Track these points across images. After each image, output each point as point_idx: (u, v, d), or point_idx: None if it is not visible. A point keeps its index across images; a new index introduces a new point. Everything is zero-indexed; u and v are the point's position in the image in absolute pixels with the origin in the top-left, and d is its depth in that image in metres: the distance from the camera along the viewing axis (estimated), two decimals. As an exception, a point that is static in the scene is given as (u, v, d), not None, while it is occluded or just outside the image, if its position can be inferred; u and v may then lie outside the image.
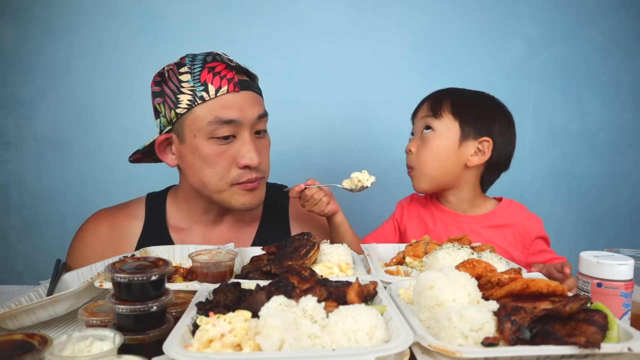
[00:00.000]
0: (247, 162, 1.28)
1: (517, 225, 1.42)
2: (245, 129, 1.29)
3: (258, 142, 1.33)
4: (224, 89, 1.25)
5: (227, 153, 1.28)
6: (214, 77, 1.26)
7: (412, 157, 1.45)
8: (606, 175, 2.31)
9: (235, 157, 1.29)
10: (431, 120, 1.42)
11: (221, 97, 1.25)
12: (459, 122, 1.40)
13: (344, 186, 1.30)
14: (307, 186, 1.29)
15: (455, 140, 1.40)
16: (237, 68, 1.31)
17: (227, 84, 1.26)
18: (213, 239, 1.45)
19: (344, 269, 1.08)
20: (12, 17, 2.10)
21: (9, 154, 2.16)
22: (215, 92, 1.25)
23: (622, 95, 2.28)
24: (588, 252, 0.94)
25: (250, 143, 1.29)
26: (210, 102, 1.25)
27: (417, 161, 1.43)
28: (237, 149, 1.29)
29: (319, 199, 1.29)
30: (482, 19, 2.20)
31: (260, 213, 1.53)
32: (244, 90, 1.28)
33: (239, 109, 1.27)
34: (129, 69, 2.13)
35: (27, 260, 2.19)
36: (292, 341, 0.66)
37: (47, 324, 1.03)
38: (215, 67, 1.28)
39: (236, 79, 1.28)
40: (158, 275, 0.77)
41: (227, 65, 1.29)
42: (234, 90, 1.26)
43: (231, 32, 2.13)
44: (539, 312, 0.73)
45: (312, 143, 2.21)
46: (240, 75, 1.32)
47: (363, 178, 1.28)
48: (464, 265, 0.90)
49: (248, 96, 1.29)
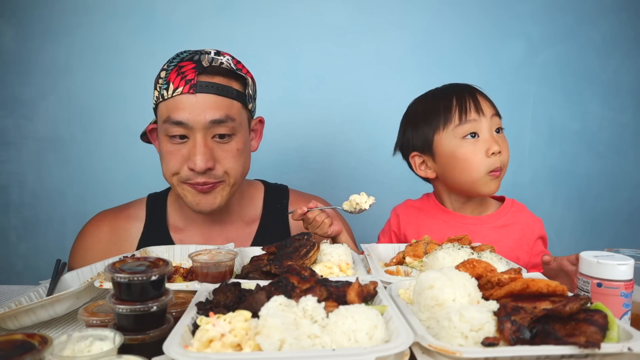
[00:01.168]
0: (192, 166, 1.27)
1: (521, 224, 1.42)
2: (197, 132, 1.27)
3: (217, 146, 1.30)
4: (179, 90, 1.26)
5: (179, 152, 1.30)
6: (176, 77, 1.27)
7: (503, 157, 1.39)
8: (606, 175, 2.31)
9: (187, 158, 1.29)
10: (498, 120, 1.40)
11: (176, 97, 1.26)
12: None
13: (344, 208, 1.30)
14: (309, 209, 1.28)
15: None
16: (213, 69, 1.28)
17: (183, 85, 1.26)
18: (212, 238, 1.45)
19: (344, 269, 1.08)
20: (12, 17, 2.10)
21: (9, 154, 2.16)
22: (173, 92, 1.27)
23: (622, 95, 2.28)
24: (588, 252, 0.94)
25: (200, 147, 1.26)
26: (168, 101, 1.28)
27: (505, 161, 1.39)
28: (189, 151, 1.29)
29: (321, 221, 1.27)
30: (482, 19, 2.20)
31: (260, 212, 1.53)
32: (201, 92, 1.26)
33: (189, 111, 1.25)
34: (129, 69, 2.13)
35: (27, 260, 2.19)
36: (292, 341, 0.66)
37: (47, 324, 1.03)
38: (184, 67, 1.28)
39: (195, 80, 1.26)
40: (158, 275, 0.77)
41: (196, 65, 1.28)
42: (188, 92, 1.25)
43: (231, 32, 2.13)
44: (539, 312, 0.73)
45: (312, 143, 2.21)
46: (211, 77, 1.28)
47: (361, 201, 1.27)
48: (464, 265, 0.90)
49: (204, 99, 1.26)
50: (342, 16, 2.17)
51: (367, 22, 2.18)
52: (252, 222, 1.51)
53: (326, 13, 2.16)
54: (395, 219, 1.52)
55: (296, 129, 2.18)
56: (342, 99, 2.20)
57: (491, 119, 1.38)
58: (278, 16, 2.15)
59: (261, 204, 1.54)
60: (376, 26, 2.18)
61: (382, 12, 2.18)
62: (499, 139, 1.38)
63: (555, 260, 1.16)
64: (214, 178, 1.30)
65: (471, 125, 1.37)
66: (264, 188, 1.58)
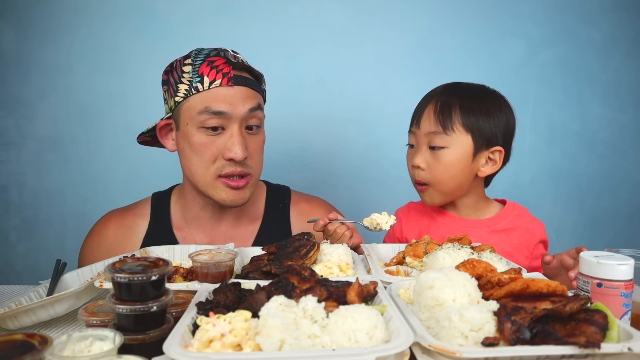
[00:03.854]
0: (232, 155, 1.30)
1: (521, 228, 1.41)
2: (234, 122, 1.31)
3: (249, 137, 1.35)
4: (218, 82, 1.30)
5: (214, 144, 1.32)
6: (210, 70, 1.31)
7: (423, 174, 1.37)
8: (606, 175, 2.31)
9: (222, 150, 1.32)
10: (441, 137, 1.33)
11: (214, 89, 1.30)
12: (471, 135, 1.33)
13: (363, 224, 1.30)
14: (330, 220, 1.29)
15: (469, 154, 1.34)
16: (239, 65, 1.34)
17: (221, 77, 1.31)
18: (214, 236, 1.46)
19: (344, 269, 1.08)
20: (12, 17, 2.09)
21: (9, 154, 2.16)
22: (209, 84, 1.30)
23: (622, 95, 2.28)
24: (588, 252, 0.94)
25: (237, 136, 1.31)
26: (204, 93, 1.31)
27: (430, 178, 1.36)
28: (225, 142, 1.32)
29: (342, 234, 1.28)
30: (482, 19, 2.20)
31: (263, 211, 1.54)
32: (238, 85, 1.32)
33: (229, 102, 1.30)
34: (129, 68, 2.13)
35: (27, 260, 2.19)
36: (292, 341, 0.66)
37: (47, 324, 1.03)
38: (215, 61, 1.33)
39: (232, 73, 1.31)
40: (158, 275, 0.77)
41: (227, 60, 1.33)
42: (227, 84, 1.30)
43: (231, 32, 2.13)
44: (539, 312, 0.73)
45: (312, 143, 2.21)
46: (240, 71, 1.34)
47: (382, 221, 1.27)
48: (464, 265, 0.90)
49: (241, 91, 1.32)
50: (342, 16, 2.17)
51: (367, 23, 2.18)
52: (254, 221, 1.53)
53: (326, 13, 2.16)
54: (398, 223, 1.51)
55: (296, 129, 2.18)
56: (342, 99, 2.20)
57: (427, 135, 1.35)
58: (278, 16, 2.15)
59: (263, 203, 1.55)
60: (376, 26, 2.18)
61: (382, 13, 2.17)
62: (429, 157, 1.35)
63: (555, 257, 1.16)
64: (247, 168, 1.34)
65: (411, 135, 1.43)
66: (266, 188, 1.60)
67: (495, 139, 1.36)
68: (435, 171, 1.35)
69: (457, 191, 1.41)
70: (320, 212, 1.54)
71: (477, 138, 1.34)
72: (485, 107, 1.36)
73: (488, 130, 1.34)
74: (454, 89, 1.42)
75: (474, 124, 1.33)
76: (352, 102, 2.20)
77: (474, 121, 1.33)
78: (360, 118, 2.21)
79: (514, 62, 2.23)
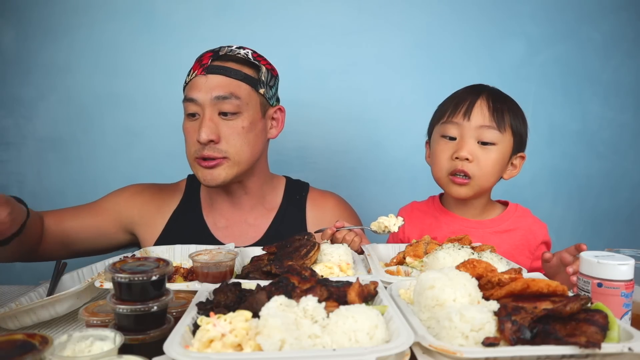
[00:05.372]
0: (198, 138, 1.37)
1: (523, 229, 1.41)
2: (205, 109, 1.39)
3: (222, 122, 1.40)
4: (195, 73, 1.42)
5: (192, 129, 1.41)
6: (194, 64, 1.45)
7: (470, 166, 1.34)
8: (606, 175, 2.31)
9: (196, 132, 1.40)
10: (493, 133, 1.34)
11: (193, 79, 1.42)
12: (513, 137, 1.38)
13: (371, 229, 1.31)
14: (337, 228, 1.29)
15: (508, 155, 1.39)
16: (225, 56, 1.42)
17: (198, 68, 1.41)
18: (234, 218, 1.55)
19: (345, 269, 1.08)
20: (12, 17, 2.09)
21: (9, 154, 2.16)
22: (192, 76, 1.42)
23: (622, 95, 2.28)
24: (588, 252, 0.94)
25: (205, 121, 1.37)
26: (188, 84, 1.44)
27: (477, 171, 1.34)
28: (198, 125, 1.39)
29: (351, 240, 1.29)
30: (482, 19, 2.20)
31: (280, 201, 1.61)
32: (212, 74, 1.39)
33: (199, 89, 1.39)
34: (129, 69, 2.13)
35: (27, 260, 2.19)
36: (293, 341, 0.66)
37: (47, 324, 1.03)
38: (203, 57, 1.44)
39: (208, 64, 1.40)
40: (158, 275, 0.77)
41: (213, 54, 1.43)
42: (201, 73, 1.40)
43: (231, 32, 2.12)
44: (540, 312, 0.73)
45: (312, 143, 2.21)
46: (224, 62, 1.41)
47: (389, 223, 1.27)
48: (464, 265, 0.90)
49: (214, 79, 1.39)
50: (342, 16, 2.17)
51: (367, 23, 2.17)
52: (271, 210, 1.59)
53: (326, 13, 2.16)
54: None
55: (296, 129, 2.18)
56: (342, 99, 2.20)
57: (478, 128, 1.34)
58: (278, 16, 2.15)
59: (282, 194, 1.62)
60: (376, 26, 2.18)
61: (382, 13, 2.17)
62: (477, 150, 1.34)
63: (555, 255, 1.16)
64: (218, 152, 1.39)
65: (452, 126, 1.37)
66: (286, 181, 1.67)
67: (524, 146, 1.43)
68: (483, 165, 1.35)
69: (489, 189, 1.43)
70: (334, 207, 1.60)
71: (516, 142, 1.40)
72: (522, 114, 1.43)
73: (524, 137, 1.42)
74: (494, 90, 1.44)
75: (518, 128, 1.40)
76: (352, 102, 2.20)
77: (519, 125, 1.40)
78: (360, 118, 2.20)
79: (513, 62, 2.23)
